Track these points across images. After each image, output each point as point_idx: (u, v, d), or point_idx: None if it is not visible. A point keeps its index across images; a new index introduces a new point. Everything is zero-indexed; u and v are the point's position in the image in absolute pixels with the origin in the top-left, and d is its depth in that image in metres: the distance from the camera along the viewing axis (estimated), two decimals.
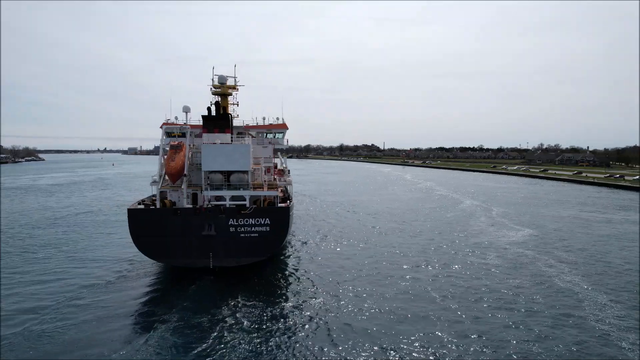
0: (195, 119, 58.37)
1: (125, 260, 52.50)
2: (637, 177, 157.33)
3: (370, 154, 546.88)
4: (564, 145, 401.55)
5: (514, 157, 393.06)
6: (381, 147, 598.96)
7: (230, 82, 60.14)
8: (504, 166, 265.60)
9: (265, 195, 48.32)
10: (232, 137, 52.21)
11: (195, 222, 43.18)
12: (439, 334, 33.02)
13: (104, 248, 59.20)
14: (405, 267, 50.57)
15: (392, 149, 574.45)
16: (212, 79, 59.29)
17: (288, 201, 53.20)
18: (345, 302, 39.26)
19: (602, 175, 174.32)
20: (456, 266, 50.93)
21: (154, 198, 51.14)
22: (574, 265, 51.50)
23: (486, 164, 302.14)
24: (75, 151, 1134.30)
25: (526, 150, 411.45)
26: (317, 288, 43.29)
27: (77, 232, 70.03)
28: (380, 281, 45.31)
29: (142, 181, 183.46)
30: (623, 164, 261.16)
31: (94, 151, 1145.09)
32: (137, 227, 43.59)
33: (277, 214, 45.23)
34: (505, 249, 59.80)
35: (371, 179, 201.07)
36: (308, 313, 36.95)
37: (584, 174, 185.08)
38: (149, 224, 43.49)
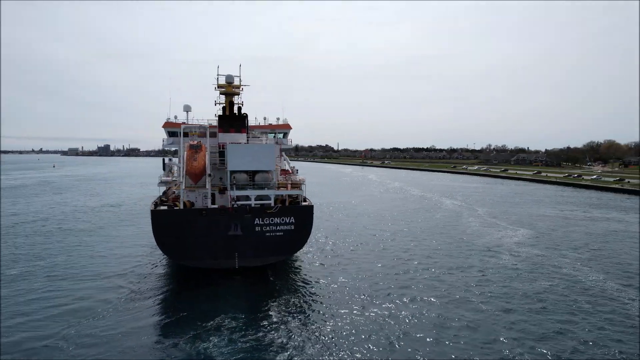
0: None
1: (122, 275, 45.73)
2: (595, 176, 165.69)
3: (326, 154, 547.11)
4: (510, 146, 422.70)
5: (467, 157, 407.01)
6: (335, 148, 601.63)
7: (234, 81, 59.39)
8: (464, 166, 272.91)
9: (288, 194, 47.86)
10: (247, 137, 51.62)
11: (222, 223, 42.22)
12: (481, 336, 31.46)
13: (90, 263, 50.85)
14: (424, 268, 48.98)
15: (346, 150, 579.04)
16: (217, 78, 58.41)
17: (307, 200, 51.19)
18: (373, 305, 37.22)
19: (561, 175, 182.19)
20: (478, 269, 49.24)
21: (163, 199, 49.16)
22: (595, 265, 51.06)
23: (445, 164, 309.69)
24: (6, 151, 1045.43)
25: (479, 151, 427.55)
26: (340, 291, 41.31)
27: (47, 244, 60.20)
28: (406, 285, 43.48)
29: (96, 184, 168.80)
30: (570, 163, 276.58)
31: (27, 151, 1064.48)
32: (162, 229, 41.79)
33: (301, 213, 45.31)
34: (516, 249, 58.76)
35: (338, 180, 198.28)
36: (337, 319, 33.78)
37: (543, 174, 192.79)
38: (174, 226, 41.70)
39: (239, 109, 54.35)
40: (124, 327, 32.89)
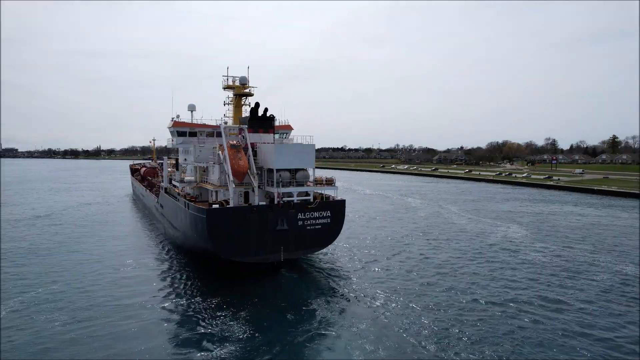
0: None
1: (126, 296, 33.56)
2: (525, 174, 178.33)
3: None
4: (415, 145, 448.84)
5: (384, 157, 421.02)
6: None
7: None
8: (392, 166, 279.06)
9: (323, 191, 51.72)
10: (274, 137, 54.92)
11: (271, 218, 44.71)
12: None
13: (99, 286, 37.57)
14: (445, 273, 46.60)
15: None
16: (227, 79, 61.25)
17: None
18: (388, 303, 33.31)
19: (493, 173, 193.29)
20: (513, 267, 48.62)
21: (193, 197, 51.70)
22: (615, 257, 52.57)
23: (373, 164, 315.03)
24: None
25: (393, 150, 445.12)
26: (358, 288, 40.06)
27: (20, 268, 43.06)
28: (433, 290, 41.87)
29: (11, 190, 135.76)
30: (487, 162, 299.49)
31: None
32: (216, 227, 42.47)
33: (336, 207, 49.32)
34: (532, 245, 59.39)
35: None
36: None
37: (475, 172, 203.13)
38: (228, 223, 43.04)
39: (265, 110, 55.04)
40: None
